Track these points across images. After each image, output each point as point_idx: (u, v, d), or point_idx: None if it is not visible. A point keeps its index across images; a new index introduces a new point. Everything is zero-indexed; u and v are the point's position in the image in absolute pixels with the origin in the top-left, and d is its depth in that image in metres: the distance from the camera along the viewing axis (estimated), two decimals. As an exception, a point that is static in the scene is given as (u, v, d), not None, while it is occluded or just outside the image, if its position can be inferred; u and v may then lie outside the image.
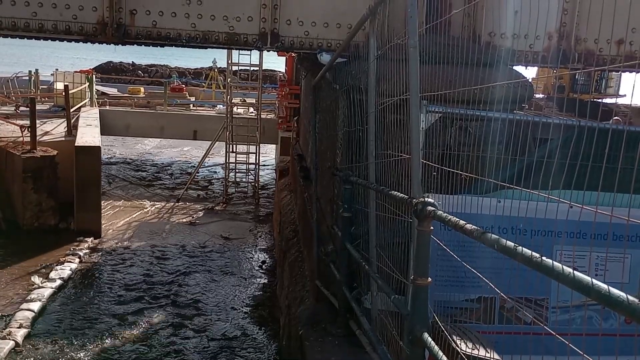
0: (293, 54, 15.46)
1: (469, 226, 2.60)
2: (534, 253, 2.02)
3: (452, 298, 4.39)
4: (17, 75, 26.79)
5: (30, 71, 26.27)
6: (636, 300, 1.56)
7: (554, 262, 1.91)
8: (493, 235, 2.37)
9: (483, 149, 3.84)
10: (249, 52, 18.46)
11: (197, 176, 21.68)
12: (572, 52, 7.25)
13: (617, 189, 2.43)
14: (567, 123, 4.10)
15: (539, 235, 4.25)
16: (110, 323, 10.49)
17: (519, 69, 7.32)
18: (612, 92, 23.86)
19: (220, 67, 30.74)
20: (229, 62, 19.73)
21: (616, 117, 11.36)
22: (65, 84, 20.38)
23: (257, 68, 19.62)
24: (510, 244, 2.21)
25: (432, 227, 3.25)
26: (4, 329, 9.61)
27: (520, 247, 2.12)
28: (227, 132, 19.64)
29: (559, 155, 3.12)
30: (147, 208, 18.19)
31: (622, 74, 18.84)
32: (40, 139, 15.68)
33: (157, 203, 18.82)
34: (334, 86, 7.12)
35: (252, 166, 20.18)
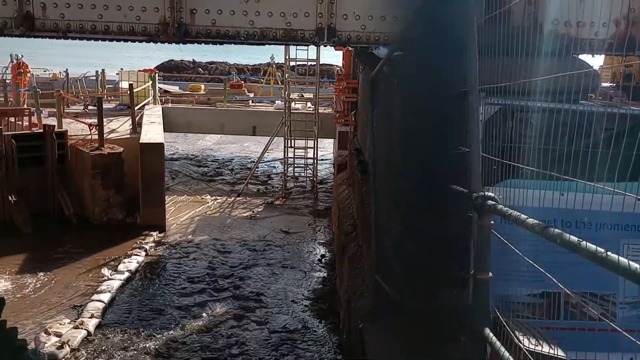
0: (350, 48, 15.44)
1: (530, 220, 2.56)
2: (598, 248, 1.97)
3: (514, 293, 4.31)
4: (85, 76, 27.88)
5: (97, 71, 27.28)
6: None
7: (620, 258, 1.86)
8: (555, 229, 2.32)
9: (545, 141, 3.74)
10: (306, 48, 18.58)
11: (257, 171, 22.00)
12: (642, 39, 6.94)
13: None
14: (634, 113, 3.94)
15: (605, 229, 4.11)
16: (175, 314, 10.83)
17: (585, 57, 7.06)
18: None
19: (278, 63, 31.06)
20: (287, 57, 19.90)
21: None
22: (130, 82, 21.08)
23: (315, 63, 19.71)
24: (573, 238, 2.16)
25: (492, 222, 3.21)
26: (77, 319, 10.09)
27: (584, 242, 2.07)
28: (286, 128, 19.83)
29: (625, 145, 3.01)
30: (209, 203, 18.62)
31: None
32: (107, 137, 16.31)
33: (219, 198, 19.24)
34: (392, 80, 7.08)
35: (310, 161, 20.31)
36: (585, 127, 3.38)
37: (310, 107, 22.62)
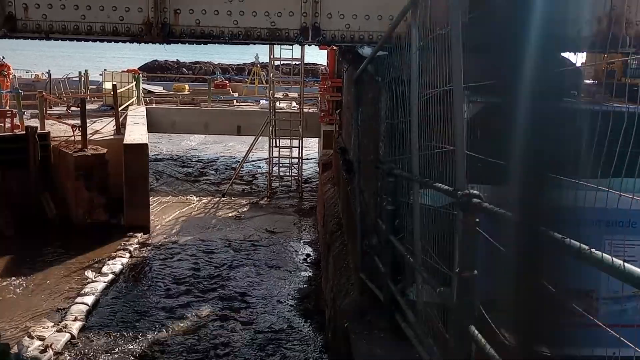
0: (335, 47, 15.45)
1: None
2: (582, 245, 1.98)
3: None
4: (68, 77, 27.61)
5: (80, 72, 27.02)
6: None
7: (604, 254, 1.87)
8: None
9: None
10: (290, 47, 18.55)
11: (242, 171, 21.93)
12: (623, 36, 7.01)
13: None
14: (615, 110, 3.97)
15: (586, 225, 4.13)
16: (160, 316, 10.76)
17: (568, 55, 7.11)
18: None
19: (262, 63, 30.99)
20: (271, 57, 19.86)
21: None
22: (113, 83, 20.92)
23: (299, 62, 19.69)
24: (557, 235, 2.17)
25: (477, 220, 3.22)
26: (60, 322, 9.98)
27: (568, 239, 2.08)
28: (270, 127, 19.80)
29: (609, 142, 3.03)
30: (193, 203, 18.53)
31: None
32: (91, 138, 16.16)
33: (204, 198, 19.15)
34: (376, 79, 7.09)
35: (295, 160, 20.30)
36: (569, 124, 3.40)
37: (294, 107, 22.59)
